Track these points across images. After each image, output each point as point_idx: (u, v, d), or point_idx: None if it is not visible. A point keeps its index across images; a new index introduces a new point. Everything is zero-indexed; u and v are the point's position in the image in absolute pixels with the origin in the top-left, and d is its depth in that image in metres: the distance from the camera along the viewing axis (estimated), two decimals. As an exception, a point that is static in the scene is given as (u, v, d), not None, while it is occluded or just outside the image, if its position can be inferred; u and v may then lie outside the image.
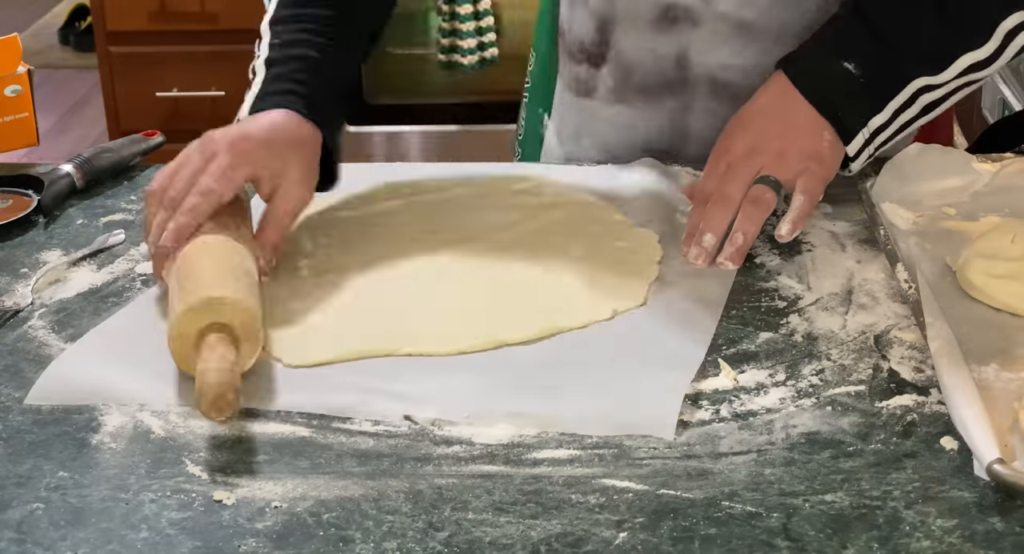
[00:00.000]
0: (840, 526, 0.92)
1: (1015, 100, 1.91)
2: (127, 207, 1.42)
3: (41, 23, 5.23)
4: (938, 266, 1.22)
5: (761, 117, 1.33)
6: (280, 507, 0.95)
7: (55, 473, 1.00)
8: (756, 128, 1.32)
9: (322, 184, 1.34)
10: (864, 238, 1.30)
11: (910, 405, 1.05)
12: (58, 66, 4.85)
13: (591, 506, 0.95)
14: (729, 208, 1.27)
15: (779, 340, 1.14)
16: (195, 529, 0.93)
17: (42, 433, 1.05)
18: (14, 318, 1.21)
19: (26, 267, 1.30)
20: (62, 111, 4.58)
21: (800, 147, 1.30)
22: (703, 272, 1.25)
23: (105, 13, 3.45)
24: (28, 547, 0.92)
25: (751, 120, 1.33)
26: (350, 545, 0.92)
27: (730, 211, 1.27)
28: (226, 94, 3.44)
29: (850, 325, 1.16)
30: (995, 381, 1.06)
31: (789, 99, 1.32)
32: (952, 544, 0.90)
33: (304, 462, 1.00)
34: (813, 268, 1.25)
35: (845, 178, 1.37)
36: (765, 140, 1.30)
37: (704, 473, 0.98)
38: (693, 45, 1.46)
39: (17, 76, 1.50)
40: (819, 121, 1.31)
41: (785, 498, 0.95)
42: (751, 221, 1.26)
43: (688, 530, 0.92)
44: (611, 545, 0.91)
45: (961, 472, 0.97)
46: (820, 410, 1.05)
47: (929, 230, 1.29)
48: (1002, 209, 1.32)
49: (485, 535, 0.92)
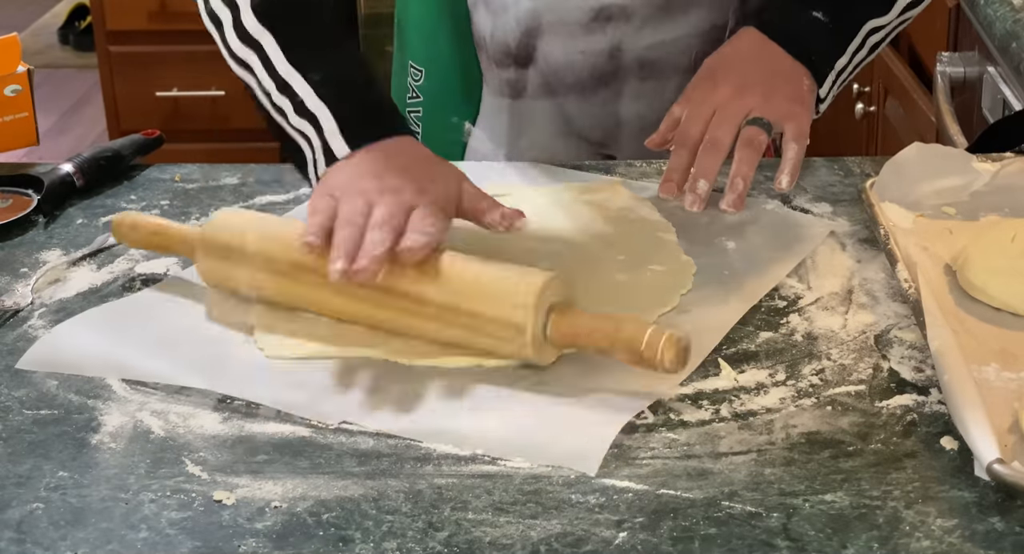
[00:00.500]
0: (840, 526, 0.92)
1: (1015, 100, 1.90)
2: (127, 207, 1.42)
3: (41, 23, 5.23)
4: (938, 266, 1.22)
5: (744, 62, 1.35)
6: (280, 507, 0.95)
7: (55, 473, 1.00)
8: (740, 71, 1.33)
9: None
10: (864, 238, 1.30)
11: (910, 405, 1.05)
12: (58, 66, 4.85)
13: (591, 506, 0.95)
14: (721, 151, 1.27)
15: (779, 340, 1.14)
16: (195, 529, 0.94)
17: (42, 433, 1.05)
18: (14, 318, 1.21)
19: (26, 267, 1.30)
20: (62, 111, 4.58)
21: (786, 90, 1.32)
22: (725, 299, 1.19)
23: (105, 13, 3.45)
24: (28, 547, 0.92)
25: (732, 63, 1.35)
26: (350, 545, 0.92)
27: (722, 154, 1.27)
28: (226, 94, 3.44)
29: (850, 325, 1.16)
30: (995, 381, 1.06)
31: (767, 48, 1.35)
32: (952, 544, 0.90)
33: (304, 462, 1.00)
34: (813, 267, 1.25)
35: (845, 178, 1.36)
36: (752, 82, 1.32)
37: (704, 473, 0.98)
38: (625, 37, 1.47)
39: (17, 76, 1.50)
40: (797, 67, 1.35)
41: (785, 498, 0.95)
42: (748, 164, 1.26)
43: (688, 530, 0.92)
44: (611, 545, 0.91)
45: (961, 472, 0.97)
46: (820, 410, 1.05)
47: (929, 230, 1.29)
48: (1002, 209, 1.32)
49: (485, 535, 0.92)
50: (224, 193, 1.44)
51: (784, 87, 1.33)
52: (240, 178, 1.47)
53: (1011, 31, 1.89)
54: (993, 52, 2.01)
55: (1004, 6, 1.93)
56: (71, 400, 1.08)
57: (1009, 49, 1.90)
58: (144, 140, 1.54)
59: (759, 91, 1.31)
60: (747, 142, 1.27)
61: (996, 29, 1.94)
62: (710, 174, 1.26)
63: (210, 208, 1.40)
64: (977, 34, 2.09)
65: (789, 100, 1.32)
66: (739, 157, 1.27)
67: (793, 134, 1.29)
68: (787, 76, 1.34)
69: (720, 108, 1.30)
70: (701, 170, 1.27)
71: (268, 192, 1.44)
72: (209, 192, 1.44)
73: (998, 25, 1.93)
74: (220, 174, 1.48)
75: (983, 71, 2.05)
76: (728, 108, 1.30)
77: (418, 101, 1.60)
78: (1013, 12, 1.91)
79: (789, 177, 1.27)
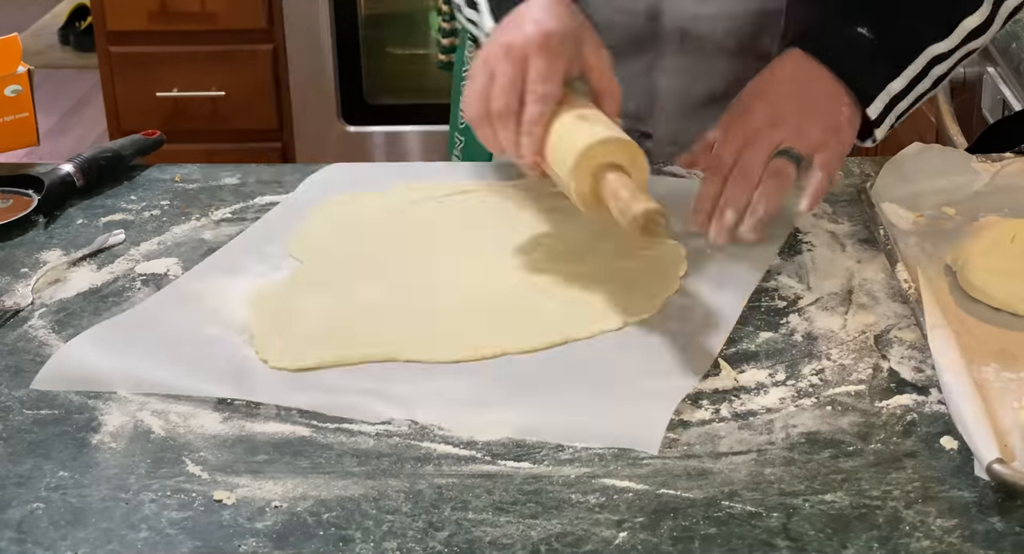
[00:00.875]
0: (840, 526, 0.92)
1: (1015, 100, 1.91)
2: (127, 207, 1.42)
3: (41, 23, 5.23)
4: (938, 266, 1.22)
5: (779, 89, 1.33)
6: (280, 507, 0.95)
7: (55, 473, 1.00)
8: (775, 100, 1.32)
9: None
10: (864, 238, 1.30)
11: (910, 405, 1.05)
12: (58, 66, 4.85)
13: (591, 506, 0.95)
14: (750, 182, 1.26)
15: (779, 340, 1.14)
16: (195, 529, 0.94)
17: (42, 433, 1.05)
18: (14, 318, 1.21)
19: (26, 267, 1.30)
20: (62, 111, 4.58)
21: (820, 121, 1.30)
22: (724, 284, 1.22)
23: (105, 13, 3.45)
24: (28, 547, 0.92)
25: (769, 92, 1.33)
26: (350, 545, 0.92)
27: (751, 185, 1.26)
28: (226, 94, 3.44)
29: (850, 325, 1.16)
30: (995, 381, 1.06)
31: (807, 72, 1.33)
32: (952, 544, 0.90)
33: (304, 462, 1.00)
34: (813, 268, 1.25)
35: (845, 178, 1.36)
36: (785, 113, 1.30)
37: (704, 473, 0.98)
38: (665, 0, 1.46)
39: (17, 76, 1.50)
40: (838, 94, 1.32)
41: (785, 498, 0.95)
42: (773, 195, 1.25)
43: (688, 530, 0.92)
44: (611, 545, 0.91)
45: (961, 472, 0.97)
46: (820, 410, 1.05)
47: (929, 230, 1.29)
48: (1002, 209, 1.32)
49: (485, 535, 0.92)
50: (224, 193, 1.44)
51: (819, 119, 1.30)
52: (240, 178, 1.47)
53: (1011, 31, 1.89)
54: (993, 52, 2.01)
55: (1004, 6, 1.93)
56: (71, 400, 1.08)
57: (1009, 49, 1.90)
58: (144, 140, 1.54)
59: (793, 122, 1.29)
60: (774, 173, 1.26)
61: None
62: (738, 204, 1.26)
63: (210, 208, 1.40)
64: (977, 34, 2.08)
65: (823, 131, 1.30)
66: (765, 187, 1.26)
67: (820, 163, 1.28)
68: (824, 106, 1.32)
69: (751, 138, 1.29)
70: (728, 200, 1.26)
71: (268, 192, 1.44)
72: (209, 192, 1.44)
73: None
74: (220, 174, 1.48)
75: (983, 71, 2.06)
76: (760, 138, 1.29)
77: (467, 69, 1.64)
78: (1013, 12, 1.91)
79: (809, 201, 1.26)
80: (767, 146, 1.28)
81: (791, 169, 1.27)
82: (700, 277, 1.24)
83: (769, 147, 1.28)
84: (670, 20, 1.47)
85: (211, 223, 1.38)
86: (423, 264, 1.28)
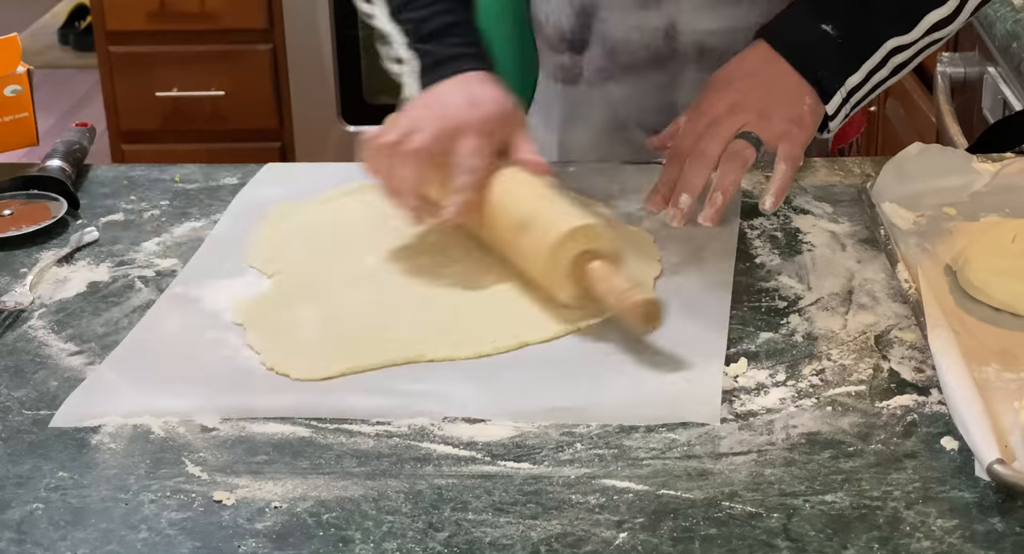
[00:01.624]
0: (840, 526, 0.92)
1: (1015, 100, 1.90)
2: (127, 207, 1.42)
3: (41, 23, 5.23)
4: (938, 266, 1.22)
5: (744, 79, 1.34)
6: (280, 507, 0.95)
7: (55, 473, 1.00)
8: (739, 88, 1.32)
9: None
10: (864, 238, 1.30)
11: (910, 405, 1.05)
12: (58, 66, 4.85)
13: (591, 506, 0.95)
14: (706, 165, 1.27)
15: (779, 340, 1.14)
16: (195, 529, 0.94)
17: (42, 433, 1.05)
18: (14, 318, 1.21)
19: (26, 267, 1.30)
20: (62, 111, 4.57)
21: (783, 110, 1.31)
22: (704, 258, 1.25)
23: (105, 13, 3.45)
24: (28, 547, 0.92)
25: (734, 81, 1.34)
26: (350, 545, 0.91)
27: (707, 168, 1.27)
28: (226, 94, 3.44)
29: (850, 325, 1.16)
30: (995, 381, 1.06)
31: (771, 64, 1.34)
32: (952, 544, 0.90)
33: (304, 462, 1.00)
34: (813, 268, 1.25)
35: (845, 178, 1.36)
36: (748, 100, 1.31)
37: (704, 473, 0.98)
38: (682, 14, 1.47)
39: (17, 76, 1.50)
40: (802, 86, 1.33)
41: (785, 498, 0.95)
42: (730, 178, 1.26)
43: (688, 530, 0.92)
44: (611, 545, 0.91)
45: (961, 472, 0.97)
46: (820, 410, 1.04)
47: (929, 230, 1.29)
48: (1002, 209, 1.32)
49: (485, 535, 0.92)
50: (224, 193, 1.44)
51: (783, 107, 1.31)
52: (240, 178, 1.47)
53: (1011, 31, 1.89)
54: (993, 52, 2.01)
55: (1004, 6, 1.93)
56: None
57: (1009, 49, 1.90)
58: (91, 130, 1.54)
59: (756, 109, 1.30)
60: (732, 155, 1.27)
61: (996, 29, 1.94)
62: (693, 188, 1.27)
63: (210, 208, 1.40)
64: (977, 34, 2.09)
65: (786, 120, 1.30)
66: (722, 170, 1.26)
67: (784, 154, 1.28)
68: (788, 95, 1.32)
69: (712, 123, 1.29)
70: (684, 184, 1.27)
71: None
72: (209, 192, 1.44)
73: (998, 25, 1.93)
74: (220, 174, 1.48)
75: (983, 71, 2.06)
76: (721, 123, 1.29)
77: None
78: (1013, 12, 1.91)
79: (773, 198, 1.26)
80: (727, 131, 1.29)
81: (750, 151, 1.28)
82: (675, 255, 1.27)
83: (729, 132, 1.29)
84: (687, 35, 1.48)
85: (211, 223, 1.37)
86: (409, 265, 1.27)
